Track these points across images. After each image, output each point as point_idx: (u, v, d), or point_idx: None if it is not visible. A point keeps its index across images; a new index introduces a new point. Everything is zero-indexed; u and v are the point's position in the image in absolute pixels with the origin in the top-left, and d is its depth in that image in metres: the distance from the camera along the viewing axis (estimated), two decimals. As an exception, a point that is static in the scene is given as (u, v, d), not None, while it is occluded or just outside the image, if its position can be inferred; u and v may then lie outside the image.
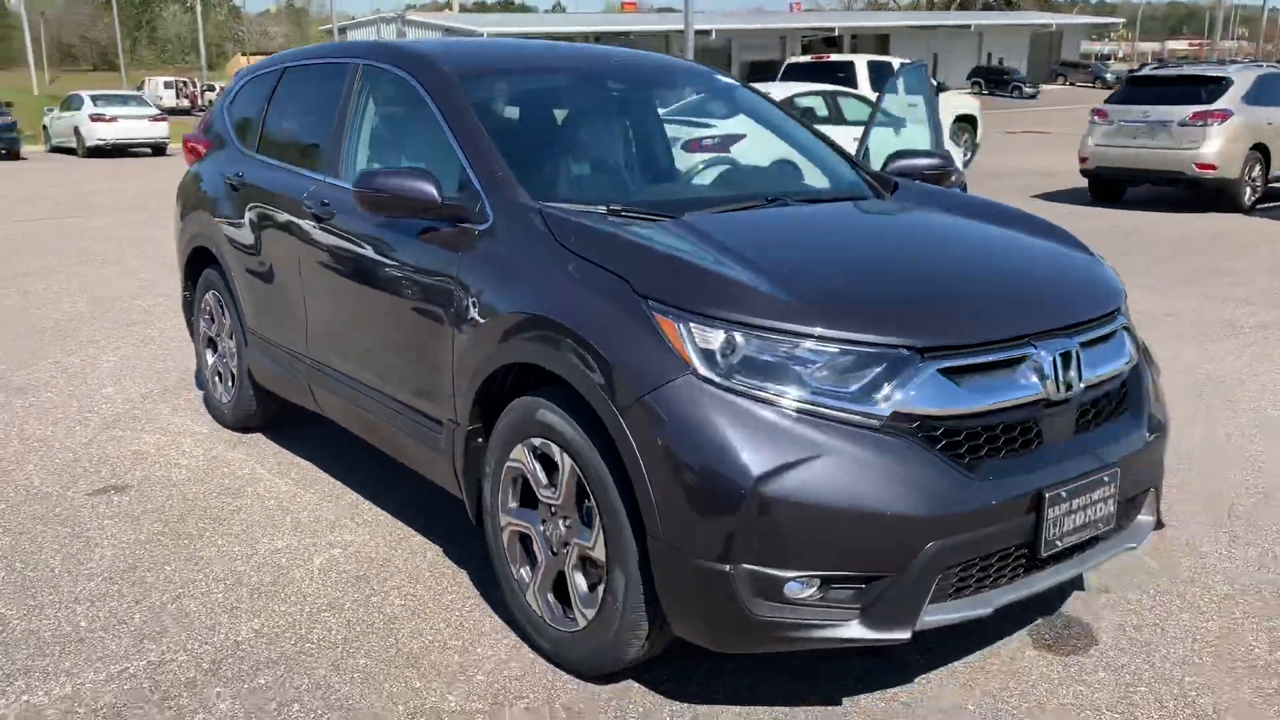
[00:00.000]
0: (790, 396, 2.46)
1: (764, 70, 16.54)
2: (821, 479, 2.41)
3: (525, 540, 3.03)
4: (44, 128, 27.37)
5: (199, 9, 59.85)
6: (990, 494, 2.52)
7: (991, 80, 53.87)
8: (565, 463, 2.78)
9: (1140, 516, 3.06)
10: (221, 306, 4.83)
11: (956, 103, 18.64)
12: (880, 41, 57.16)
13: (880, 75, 17.44)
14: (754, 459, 2.40)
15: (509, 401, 2.97)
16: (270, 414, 4.82)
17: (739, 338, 2.50)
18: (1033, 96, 51.08)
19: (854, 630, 2.49)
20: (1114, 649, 3.08)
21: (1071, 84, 62.75)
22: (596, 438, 2.65)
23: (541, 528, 2.94)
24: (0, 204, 15.25)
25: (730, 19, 57.68)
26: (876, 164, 4.35)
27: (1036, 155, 21.44)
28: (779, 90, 12.77)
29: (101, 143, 24.26)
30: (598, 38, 48.66)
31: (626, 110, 4.05)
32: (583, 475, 2.72)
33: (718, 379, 2.48)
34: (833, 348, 2.49)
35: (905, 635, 2.50)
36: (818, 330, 2.50)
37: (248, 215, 4.41)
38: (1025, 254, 3.23)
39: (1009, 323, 2.68)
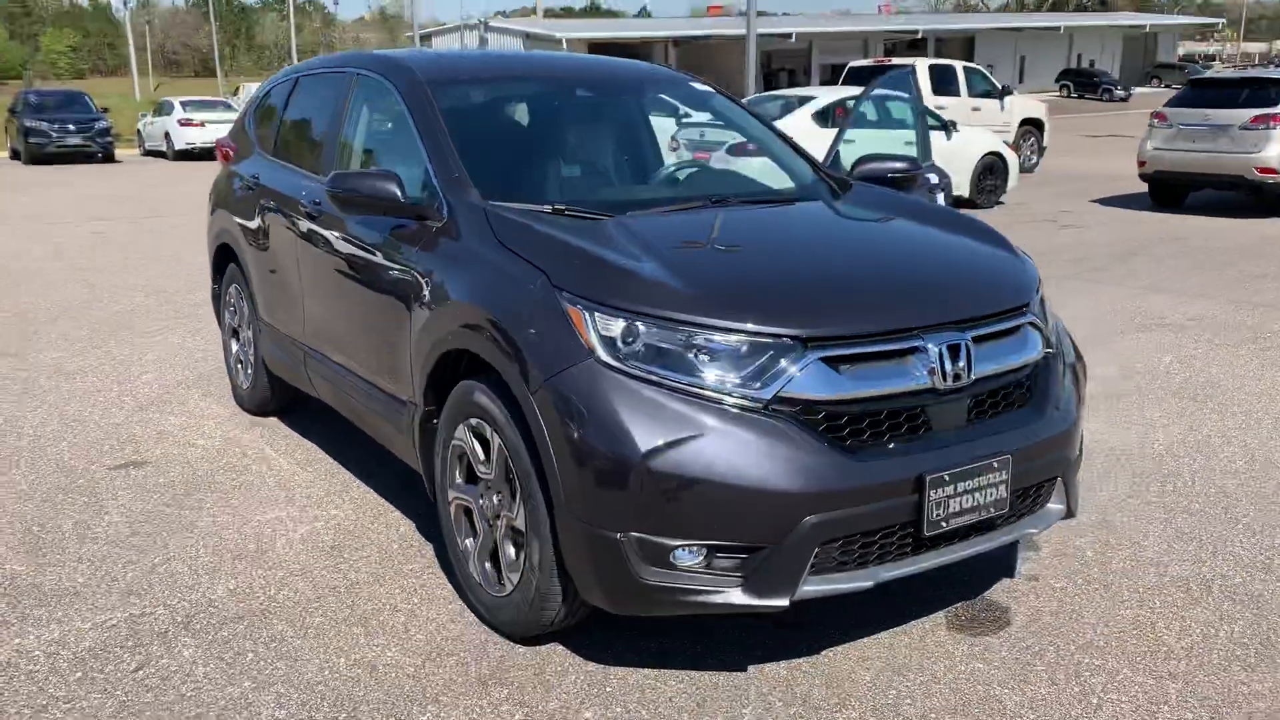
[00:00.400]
0: (681, 380, 2.67)
1: (862, 74, 16.51)
2: (705, 456, 2.62)
3: (469, 513, 3.28)
4: (138, 132, 28.65)
5: (290, 16, 61.50)
6: (868, 474, 2.70)
7: (1080, 83, 52.71)
8: (495, 441, 3.03)
9: (1049, 504, 3.19)
10: (241, 299, 5.20)
11: (1022, 106, 18.44)
12: (966, 44, 56.35)
13: (943, 79, 17.38)
14: (642, 436, 2.62)
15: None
16: (284, 399, 5.17)
17: (639, 326, 2.73)
18: (1124, 99, 49.83)
19: (736, 597, 2.69)
20: (1024, 631, 3.22)
21: (1167, 86, 61.03)
22: (516, 418, 2.90)
23: (480, 501, 3.19)
24: (89, 204, 16.10)
25: (812, 22, 57.37)
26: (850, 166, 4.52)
27: (1109, 159, 21.06)
28: (827, 94, 12.87)
29: (189, 146, 25.34)
30: (676, 43, 48.83)
31: (591, 116, 4.29)
32: (507, 452, 2.97)
33: (616, 364, 2.70)
34: (723, 336, 2.70)
35: (784, 603, 2.69)
36: (710, 320, 2.71)
37: (259, 214, 4.76)
38: (934, 253, 3.39)
39: (897, 316, 2.85)
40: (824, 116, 12.46)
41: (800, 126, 12.27)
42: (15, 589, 3.50)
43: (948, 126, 13.43)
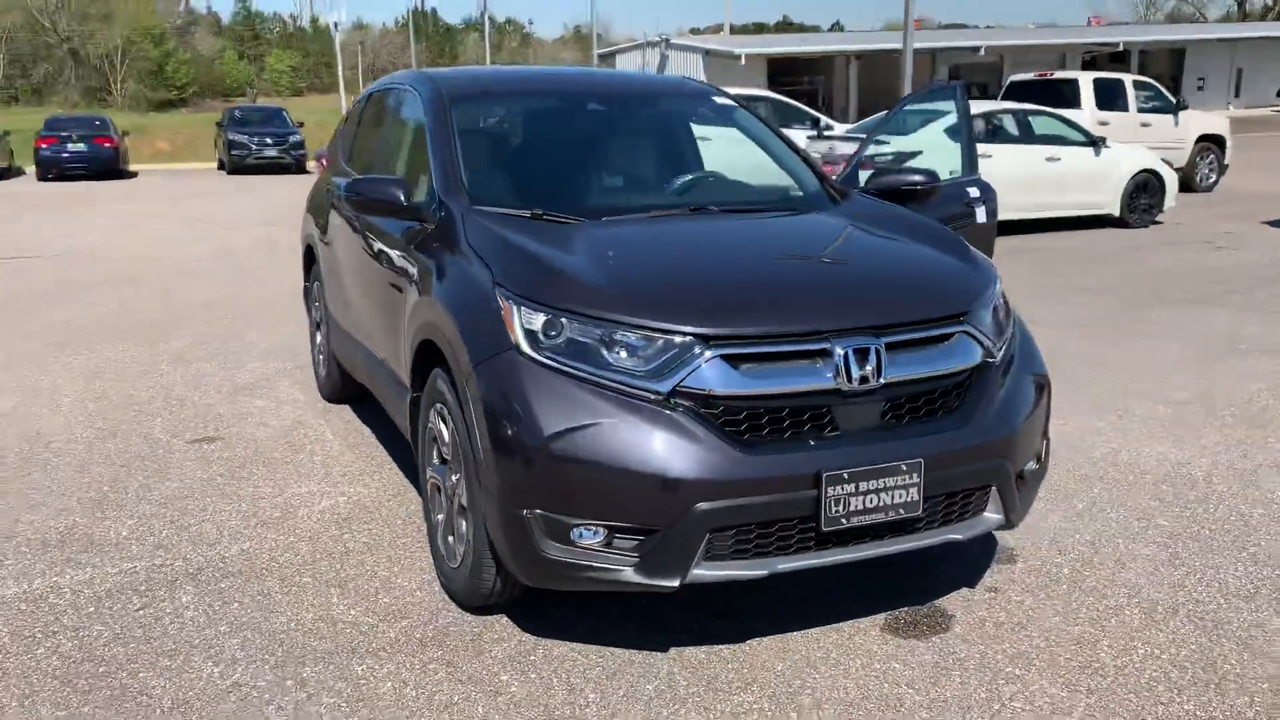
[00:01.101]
0: (590, 371, 2.88)
1: (1023, 89, 15.94)
2: (603, 441, 2.81)
3: (439, 491, 3.58)
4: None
5: (487, 36, 64.29)
6: (761, 467, 2.83)
7: (1304, 96, 48.89)
8: (450, 423, 3.31)
9: (985, 513, 3.21)
10: (320, 294, 5.70)
11: (1201, 122, 17.43)
12: (1173, 57, 53.23)
13: (1108, 94, 16.67)
14: (547, 421, 2.85)
15: None
16: (354, 388, 5.61)
17: (562, 321, 2.95)
18: (1355, 114, 45.93)
19: (630, 575, 2.87)
20: (958, 639, 3.25)
21: None
22: (460, 402, 3.17)
23: (445, 481, 3.48)
24: (269, 210, 17.42)
25: (1004, 35, 55.48)
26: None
27: (1303, 178, 19.61)
28: (977, 107, 12.62)
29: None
30: (858, 57, 48.26)
31: (600, 127, 4.52)
32: (456, 434, 3.24)
33: (535, 354, 2.94)
34: (631, 333, 2.89)
35: (674, 584, 2.85)
36: (621, 318, 2.91)
37: (327, 217, 5.23)
38: (872, 261, 3.47)
39: (804, 319, 2.96)
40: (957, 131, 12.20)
41: (932, 139, 12.11)
42: (70, 537, 4.03)
43: (1096, 143, 12.93)
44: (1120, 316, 8.01)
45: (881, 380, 2.97)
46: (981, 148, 12.28)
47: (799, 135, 14.59)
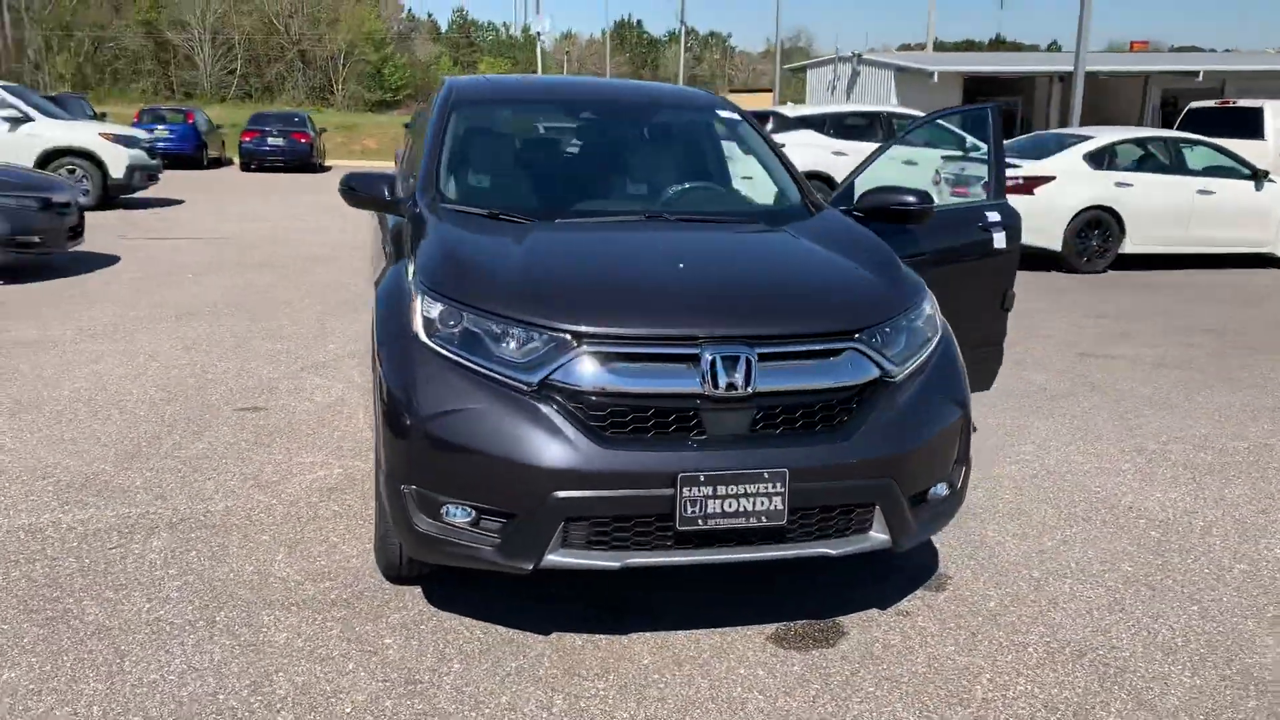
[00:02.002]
0: (471, 360, 3.07)
1: (1202, 117, 14.94)
2: (473, 426, 3.00)
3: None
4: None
5: (682, 48, 65.11)
6: (619, 462, 2.94)
7: None
8: None
9: (871, 532, 3.21)
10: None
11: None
12: None
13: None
14: (425, 403, 3.06)
15: None
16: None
17: (459, 313, 3.15)
18: None
19: (489, 555, 3.04)
20: (836, 656, 3.25)
21: None
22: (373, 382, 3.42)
23: (381, 455, 3.74)
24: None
25: (1233, 60, 51.93)
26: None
27: None
28: (1105, 135, 12.08)
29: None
30: (1061, 78, 46.29)
31: (589, 134, 4.68)
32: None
33: (428, 341, 3.15)
34: (511, 326, 3.07)
35: (528, 568, 3.00)
36: (503, 312, 3.09)
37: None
38: (780, 273, 3.50)
39: (676, 323, 3.06)
40: (1097, 159, 11.70)
41: (1066, 167, 11.65)
42: (90, 482, 4.51)
43: (1258, 176, 12.10)
44: (1227, 360, 7.54)
45: (751, 389, 3.02)
46: (1123, 176, 11.76)
47: (923, 154, 14.20)
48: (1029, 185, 11.48)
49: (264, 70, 75.61)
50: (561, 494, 2.93)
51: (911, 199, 4.38)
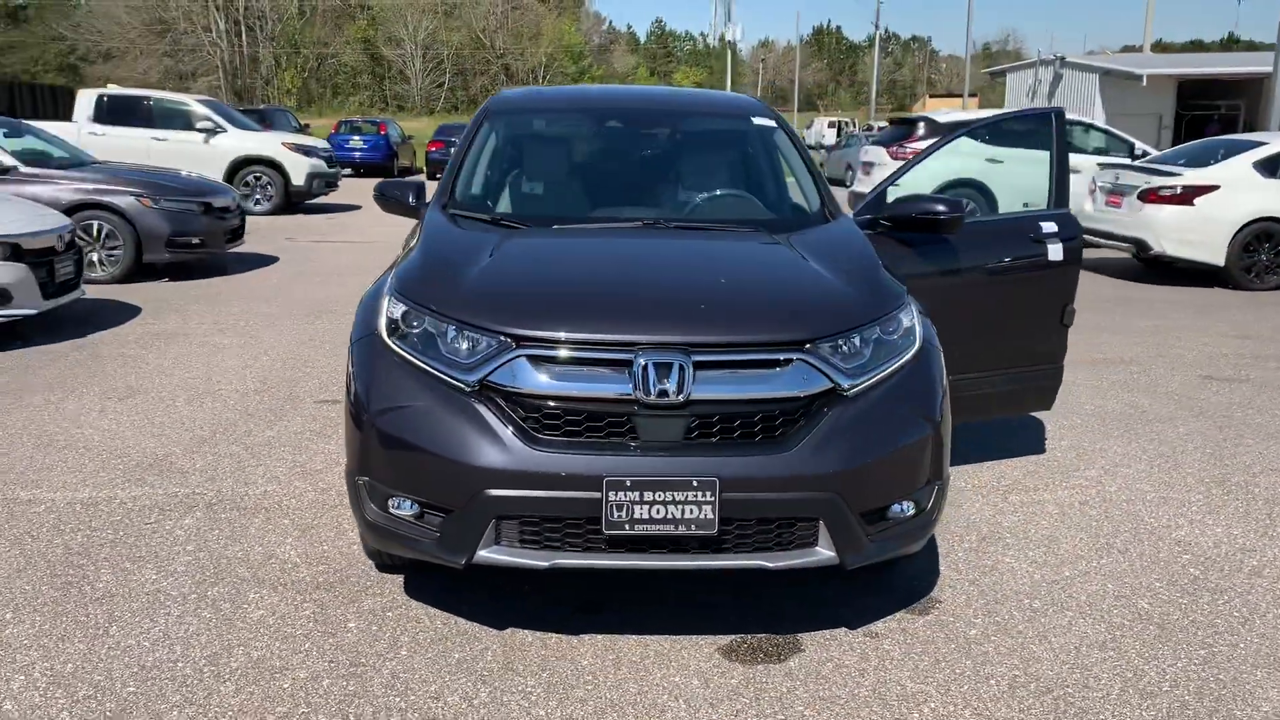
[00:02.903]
0: (421, 359, 3.19)
1: None
2: (415, 422, 3.12)
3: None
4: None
5: (876, 53, 63.91)
6: (547, 464, 2.99)
7: None
8: None
9: (817, 547, 3.13)
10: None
11: None
12: None
13: None
14: (377, 399, 3.20)
15: None
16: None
17: (416, 314, 3.28)
18: None
19: (429, 548, 3.14)
20: (780, 672, 3.19)
21: None
22: None
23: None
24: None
25: None
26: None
27: None
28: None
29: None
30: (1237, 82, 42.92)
31: (614, 141, 4.71)
32: None
33: (388, 340, 3.29)
34: (457, 329, 3.17)
35: (460, 562, 3.09)
36: (457, 315, 3.20)
37: None
38: (741, 282, 3.44)
39: (611, 329, 3.07)
40: (1270, 167, 10.79)
41: (1232, 175, 10.82)
42: (157, 463, 4.91)
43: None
44: (1377, 388, 6.85)
45: (684, 397, 3.01)
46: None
47: (1085, 161, 13.50)
48: (1188, 195, 10.72)
49: (469, 83, 79.15)
50: (492, 492, 3.01)
51: (941, 207, 4.22)
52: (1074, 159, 13.41)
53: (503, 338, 3.10)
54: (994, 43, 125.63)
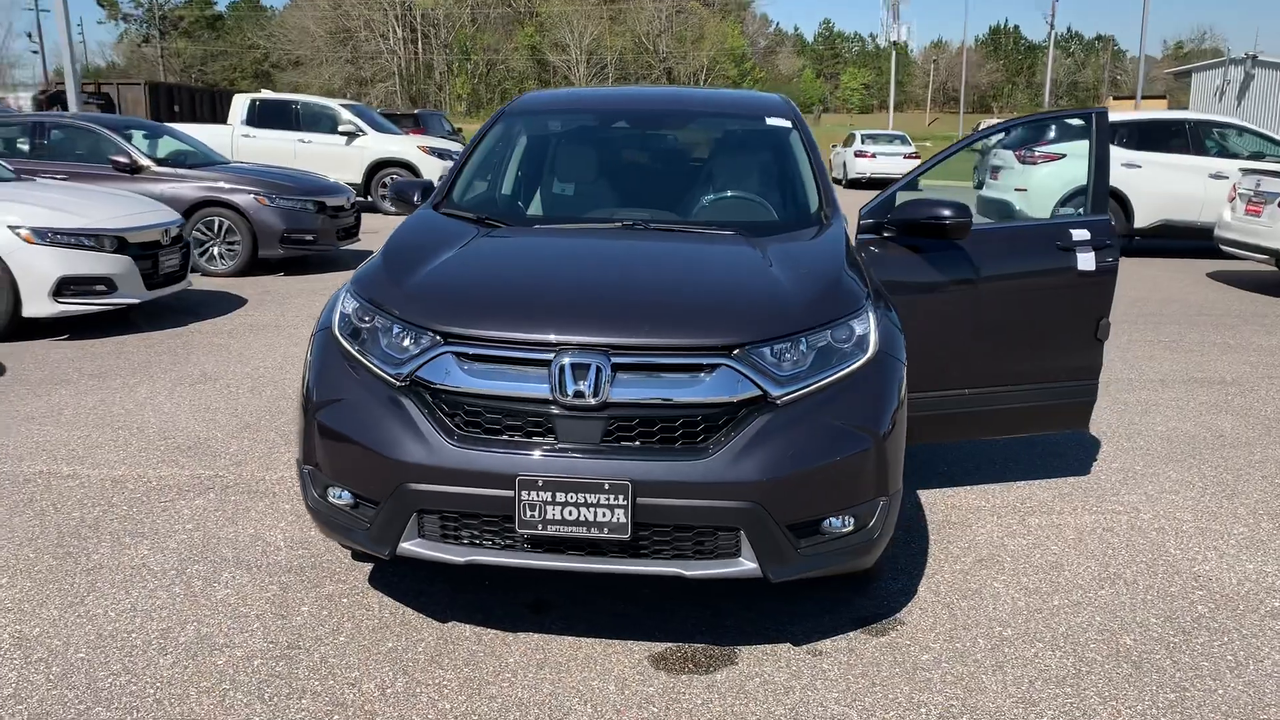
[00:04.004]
0: (360, 353, 3.27)
1: None
2: (348, 414, 3.20)
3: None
4: (829, 162, 31.66)
5: (1050, 54, 61.29)
6: (464, 460, 3.01)
7: None
8: None
9: (740, 558, 3.05)
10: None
11: None
12: None
13: None
14: (319, 390, 3.29)
15: None
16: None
17: (365, 310, 3.36)
18: None
19: (360, 538, 3.21)
20: (701, 684, 3.12)
21: None
22: None
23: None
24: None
25: None
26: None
27: None
28: None
29: (859, 176, 27.38)
30: None
31: (619, 143, 4.67)
32: None
33: (338, 334, 3.39)
34: (396, 325, 3.23)
35: (385, 553, 3.14)
36: (392, 310, 3.26)
37: None
38: (677, 284, 3.36)
39: (532, 328, 3.06)
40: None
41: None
42: (196, 446, 5.18)
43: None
44: None
45: (601, 398, 2.98)
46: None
47: (1231, 167, 12.64)
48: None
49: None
50: (413, 486, 3.05)
51: (946, 212, 4.04)
52: (1219, 164, 12.57)
53: (431, 334, 3.14)
54: (1188, 41, 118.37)
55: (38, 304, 7.26)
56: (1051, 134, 13.18)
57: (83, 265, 7.36)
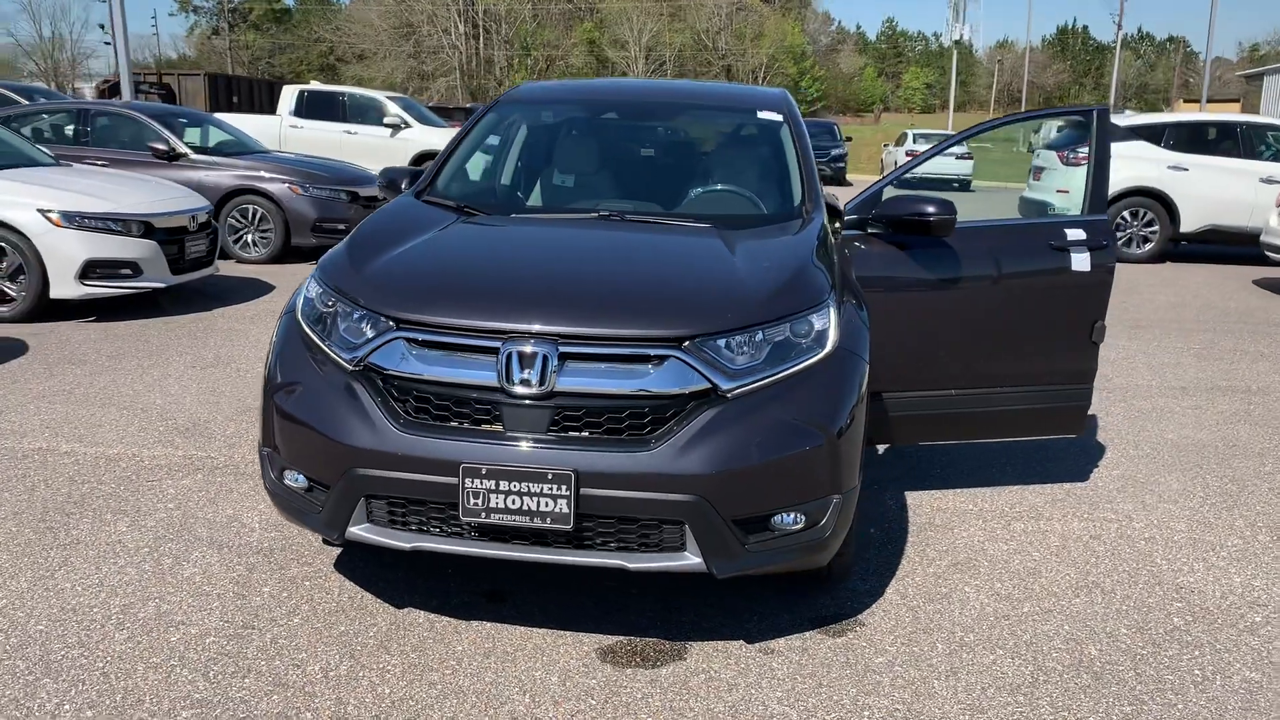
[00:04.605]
0: (318, 337, 3.29)
1: None
2: (303, 398, 3.22)
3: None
4: (881, 161, 31.33)
5: (1118, 54, 59.93)
6: (410, 447, 3.02)
7: None
8: None
9: (685, 551, 3.02)
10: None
11: None
12: None
13: None
14: (277, 373, 3.32)
15: None
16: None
17: (327, 295, 3.38)
18: None
19: (314, 521, 3.23)
20: (645, 679, 3.09)
21: None
22: None
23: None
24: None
25: None
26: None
27: None
28: None
29: (909, 176, 27.04)
30: None
31: (606, 135, 4.64)
32: None
33: (299, 318, 3.41)
34: (354, 310, 3.25)
35: (335, 537, 3.16)
36: (351, 295, 3.27)
37: None
38: (633, 275, 3.33)
39: (486, 317, 3.05)
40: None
41: None
42: (195, 428, 5.26)
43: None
44: None
45: (547, 388, 2.97)
46: None
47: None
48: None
49: (691, 84, 79.81)
50: (360, 471, 3.06)
51: (930, 208, 3.97)
52: (1271, 168, 12.20)
53: (384, 319, 3.15)
54: (1266, 43, 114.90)
55: (65, 286, 7.43)
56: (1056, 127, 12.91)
57: (109, 249, 7.51)
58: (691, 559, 3.01)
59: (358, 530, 3.14)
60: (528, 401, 2.99)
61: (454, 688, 3.01)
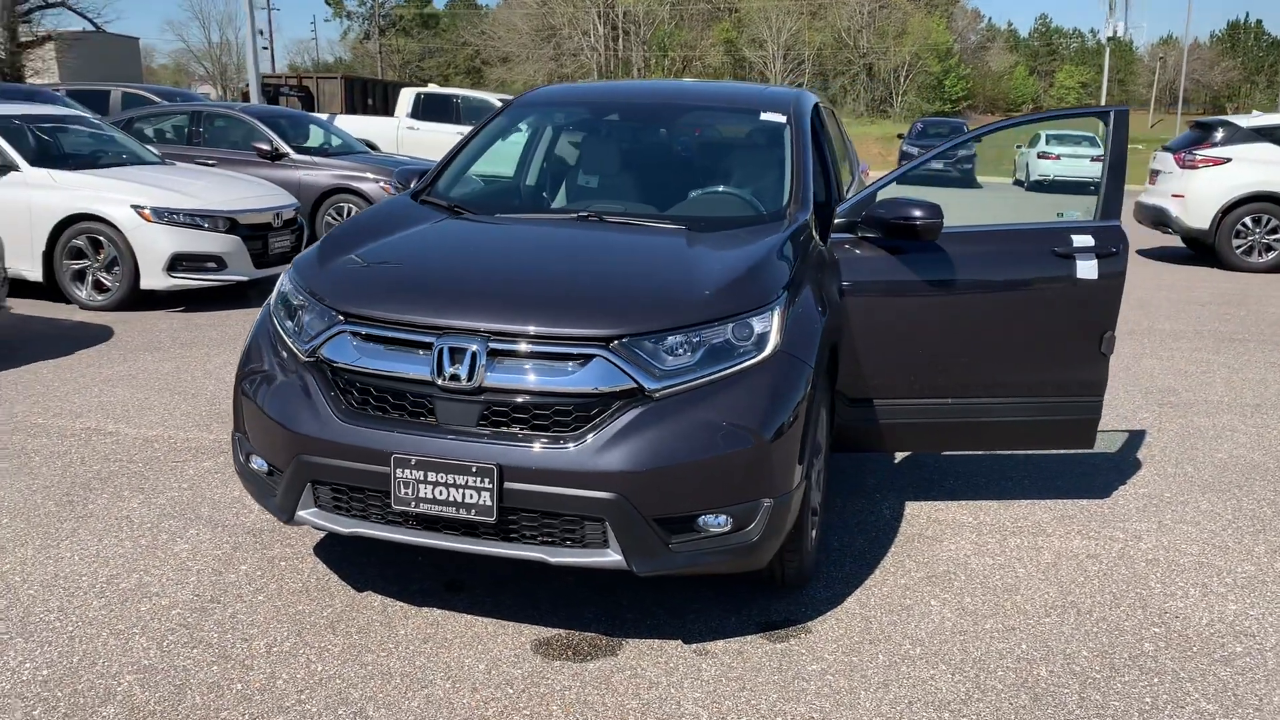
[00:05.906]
0: (283, 329, 3.46)
1: None
2: (258, 385, 3.39)
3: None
4: (1013, 161, 30.19)
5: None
6: (347, 436, 3.14)
7: None
8: None
9: (607, 548, 3.05)
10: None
11: None
12: None
13: None
14: (245, 360, 3.51)
15: None
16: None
17: (296, 288, 3.55)
18: None
19: (272, 504, 3.38)
20: (568, 674, 3.14)
21: None
22: None
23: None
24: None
25: None
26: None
27: None
28: None
29: (1042, 178, 26.03)
30: None
31: (610, 136, 4.66)
32: None
33: (271, 310, 3.59)
34: (313, 304, 3.40)
35: (285, 519, 3.31)
36: (312, 289, 3.42)
37: None
38: (574, 274, 3.38)
39: (422, 312, 3.15)
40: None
41: None
42: (214, 414, 5.51)
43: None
44: None
45: (476, 383, 3.05)
46: None
47: None
48: None
49: (829, 84, 78.87)
50: (306, 457, 3.21)
51: (917, 213, 3.88)
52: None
53: (334, 313, 3.29)
54: None
55: (153, 277, 7.91)
56: (1218, 136, 12.23)
57: (194, 243, 7.97)
58: (613, 556, 3.04)
59: (305, 514, 3.28)
60: (458, 396, 3.08)
61: (383, 669, 3.12)
